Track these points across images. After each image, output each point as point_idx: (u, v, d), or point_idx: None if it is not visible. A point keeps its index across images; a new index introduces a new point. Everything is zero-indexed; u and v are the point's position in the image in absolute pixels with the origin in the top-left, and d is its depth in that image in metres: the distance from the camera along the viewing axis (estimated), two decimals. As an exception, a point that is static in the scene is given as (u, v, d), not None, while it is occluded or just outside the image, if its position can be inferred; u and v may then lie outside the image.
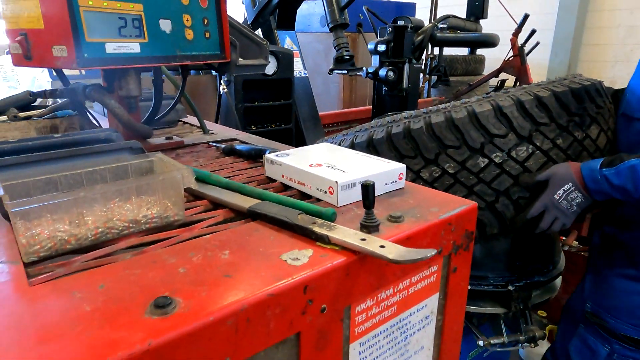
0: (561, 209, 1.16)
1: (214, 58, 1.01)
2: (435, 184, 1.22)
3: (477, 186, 1.20)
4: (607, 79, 5.21)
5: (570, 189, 1.14)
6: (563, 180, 1.14)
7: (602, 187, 1.10)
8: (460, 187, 1.21)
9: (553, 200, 1.15)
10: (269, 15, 2.38)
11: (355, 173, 0.72)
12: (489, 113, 1.17)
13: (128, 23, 0.80)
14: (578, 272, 2.24)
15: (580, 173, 1.14)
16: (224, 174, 0.90)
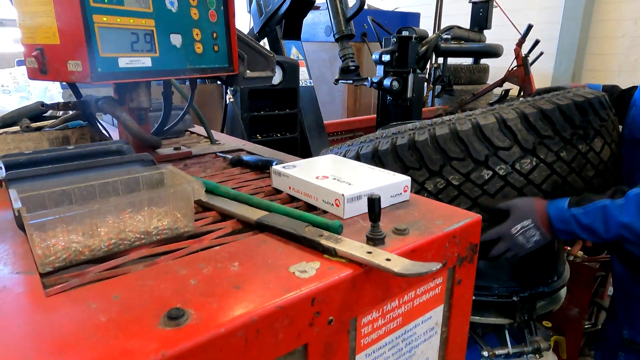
0: (516, 242, 1.15)
1: (223, 71, 1.03)
2: (439, 196, 1.23)
3: (481, 198, 1.21)
4: (612, 88, 5.21)
5: (529, 225, 1.14)
6: (523, 215, 1.13)
7: (571, 227, 1.09)
8: (464, 199, 1.22)
9: (509, 233, 1.15)
10: (275, 25, 2.41)
11: (361, 185, 0.73)
12: (493, 126, 1.18)
13: (140, 38, 0.82)
14: (583, 282, 2.24)
15: (545, 212, 1.13)
16: (232, 185, 0.92)
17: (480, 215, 0.72)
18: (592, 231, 1.08)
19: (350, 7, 2.10)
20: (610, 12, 5.05)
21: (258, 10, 2.41)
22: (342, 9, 2.11)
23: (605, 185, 1.29)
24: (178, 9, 0.89)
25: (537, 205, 1.15)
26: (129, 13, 0.79)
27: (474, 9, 2.84)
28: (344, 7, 2.12)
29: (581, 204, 1.10)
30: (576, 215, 1.10)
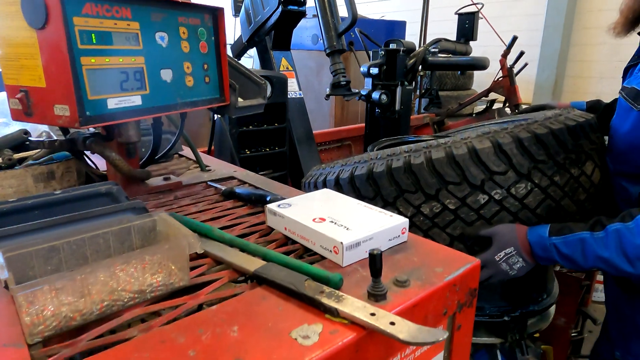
0: (500, 269, 1.16)
1: (214, 102, 1.01)
2: (435, 219, 1.23)
3: (477, 222, 1.21)
4: (594, 94, 5.33)
5: (512, 253, 1.14)
6: (506, 243, 1.14)
7: (551, 255, 1.10)
8: (460, 223, 1.22)
9: (493, 260, 1.16)
10: (264, 36, 2.36)
11: (359, 231, 0.72)
12: (489, 150, 1.19)
13: (130, 76, 0.79)
14: (569, 293, 2.27)
15: (526, 238, 1.14)
16: (225, 222, 0.90)
17: (479, 260, 0.72)
18: (571, 260, 1.09)
19: (342, 22, 2.08)
20: (591, 20, 5.16)
21: (247, 20, 2.36)
22: (333, 23, 2.09)
23: (596, 209, 1.31)
24: (168, 43, 0.87)
25: (519, 233, 1.16)
26: (118, 52, 0.77)
27: (459, 20, 2.88)
28: (335, 21, 2.10)
29: (562, 232, 1.11)
30: (556, 244, 1.11)
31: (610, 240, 1.04)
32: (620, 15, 1.27)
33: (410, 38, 4.41)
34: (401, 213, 1.24)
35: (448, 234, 1.23)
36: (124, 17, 0.77)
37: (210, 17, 0.96)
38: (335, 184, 1.33)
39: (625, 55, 4.55)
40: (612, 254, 1.03)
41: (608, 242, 1.04)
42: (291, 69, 2.63)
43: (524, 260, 1.16)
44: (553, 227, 1.14)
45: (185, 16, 0.90)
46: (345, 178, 1.30)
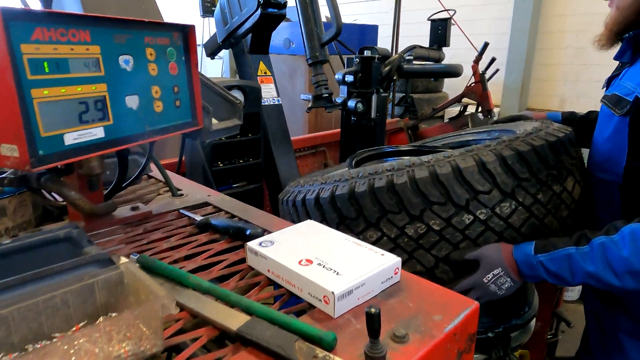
0: (488, 291, 1.15)
1: (186, 127, 0.93)
2: (420, 241, 1.19)
3: (462, 243, 1.18)
4: (558, 96, 5.49)
5: (500, 273, 1.13)
6: (493, 264, 1.13)
7: (538, 273, 1.10)
8: (445, 244, 1.19)
9: (482, 282, 1.14)
10: (241, 38, 2.25)
11: (350, 276, 0.66)
12: (473, 169, 1.16)
13: (90, 107, 0.71)
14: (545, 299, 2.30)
15: (512, 258, 1.13)
16: (201, 261, 0.83)
17: (478, 303, 0.68)
18: (559, 277, 1.08)
19: (326, 32, 2.01)
20: (554, 25, 5.31)
21: (222, 19, 2.24)
22: (317, 33, 2.02)
23: (577, 224, 1.30)
24: (134, 67, 0.78)
25: (505, 252, 1.14)
26: (76, 80, 0.68)
27: (432, 26, 2.87)
28: (318, 30, 2.03)
29: (547, 249, 1.10)
30: (542, 261, 1.10)
31: (595, 254, 1.03)
32: (605, 28, 1.27)
33: (382, 41, 4.40)
34: (385, 234, 1.20)
35: (433, 255, 1.20)
36: (82, 41, 0.68)
37: (179, 36, 0.88)
38: (315, 203, 1.27)
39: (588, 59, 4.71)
40: (598, 268, 1.02)
41: (594, 257, 1.03)
42: (269, 74, 2.51)
43: (511, 279, 1.14)
44: (538, 244, 1.13)
45: (152, 36, 0.81)
46: (326, 197, 1.25)
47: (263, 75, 2.42)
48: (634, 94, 1.13)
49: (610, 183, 1.27)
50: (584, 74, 5.17)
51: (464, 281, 1.17)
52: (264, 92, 2.34)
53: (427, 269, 1.21)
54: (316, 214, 1.27)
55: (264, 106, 2.29)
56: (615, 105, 1.19)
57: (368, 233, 1.22)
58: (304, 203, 1.31)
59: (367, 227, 1.21)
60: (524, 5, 5.24)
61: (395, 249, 1.20)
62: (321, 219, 1.27)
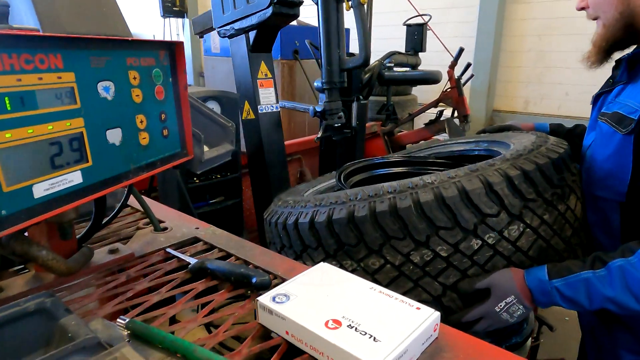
0: (500, 319, 1.10)
1: (175, 158, 0.81)
2: (427, 268, 1.12)
3: (470, 269, 1.12)
4: (522, 97, 5.64)
5: (512, 301, 1.08)
6: (506, 292, 1.07)
7: (553, 299, 1.05)
8: (453, 271, 1.12)
9: (493, 312, 1.09)
10: (243, 32, 2.02)
11: (391, 342, 0.57)
12: (480, 191, 1.09)
13: (64, 147, 0.58)
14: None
15: (525, 285, 1.08)
16: (202, 318, 0.71)
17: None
18: (575, 303, 1.04)
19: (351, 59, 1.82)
20: (517, 29, 5.45)
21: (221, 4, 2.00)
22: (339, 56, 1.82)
23: (581, 244, 1.27)
24: (115, 94, 0.65)
25: (517, 279, 1.09)
26: (46, 117, 0.55)
27: (408, 31, 2.83)
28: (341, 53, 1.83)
29: (562, 274, 1.05)
30: (558, 287, 1.05)
31: (614, 278, 0.99)
32: (593, 46, 1.25)
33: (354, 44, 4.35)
34: (388, 261, 1.11)
35: (440, 283, 1.13)
36: (53, 68, 0.55)
37: (166, 54, 0.76)
38: (309, 227, 1.17)
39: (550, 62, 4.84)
40: (617, 293, 0.98)
41: (612, 280, 0.99)
42: (270, 77, 2.24)
43: (524, 306, 1.08)
44: (551, 268, 1.07)
45: (135, 57, 0.69)
46: (322, 222, 1.15)
47: (263, 78, 2.14)
48: (638, 112, 1.10)
49: (611, 201, 1.24)
50: (546, 76, 5.33)
51: (474, 310, 1.10)
52: (262, 98, 2.09)
53: (433, 297, 1.14)
54: (311, 240, 1.17)
55: (261, 114, 2.07)
56: (619, 123, 1.16)
57: (370, 260, 1.13)
58: (296, 226, 1.20)
59: (369, 254, 1.13)
60: (488, 9, 5.35)
61: (399, 277, 1.12)
62: (316, 245, 1.17)
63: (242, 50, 2.08)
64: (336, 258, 1.16)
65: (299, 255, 1.22)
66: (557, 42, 5.13)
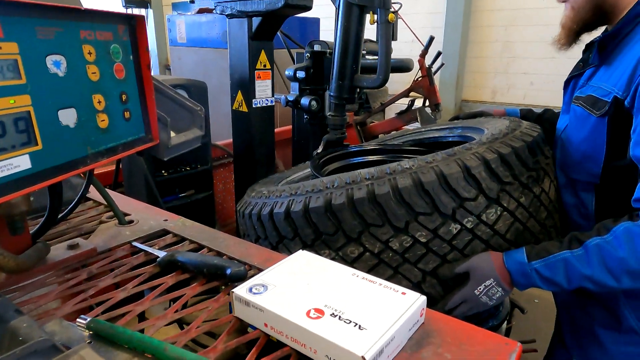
0: (480, 302, 1.11)
1: (139, 144, 0.74)
2: (406, 255, 1.10)
3: (450, 254, 1.11)
4: (490, 87, 5.75)
5: (492, 284, 1.09)
6: (485, 276, 1.08)
7: (532, 281, 1.06)
8: (433, 257, 1.10)
9: (473, 295, 1.09)
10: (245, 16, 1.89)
11: (377, 330, 0.53)
12: (458, 175, 1.08)
13: (8, 128, 0.51)
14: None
15: (504, 267, 1.09)
16: (172, 314, 0.65)
17: (521, 344, 0.58)
18: (554, 283, 1.05)
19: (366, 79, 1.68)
20: (484, 19, 5.54)
21: None
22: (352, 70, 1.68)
23: (555, 226, 1.28)
24: (68, 70, 0.59)
25: (495, 262, 1.08)
26: (-16, 93, 0.48)
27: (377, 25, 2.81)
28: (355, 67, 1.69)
29: (541, 255, 1.06)
30: (537, 269, 1.05)
31: (591, 256, 1.00)
32: (562, 28, 1.25)
33: (324, 35, 4.29)
34: (367, 249, 1.09)
35: (420, 269, 1.11)
36: (-9, 37, 0.48)
37: (126, 29, 0.69)
38: (285, 217, 1.13)
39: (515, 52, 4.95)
40: (595, 271, 0.99)
41: (590, 259, 1.00)
42: (269, 68, 2.08)
43: (503, 289, 1.08)
44: (529, 250, 1.08)
45: (90, 30, 0.62)
46: (299, 211, 1.11)
47: (262, 68, 2.01)
48: (611, 94, 1.11)
49: (586, 184, 1.26)
50: (512, 67, 5.45)
51: (455, 297, 1.10)
52: (258, 91, 1.97)
53: (413, 283, 1.12)
54: (287, 230, 1.13)
55: (255, 108, 1.96)
56: (592, 106, 1.17)
57: (349, 249, 1.10)
58: (271, 217, 1.16)
59: (348, 242, 1.10)
60: (456, 0, 5.40)
61: (379, 264, 1.10)
62: (293, 235, 1.13)
63: (243, 35, 1.94)
64: (314, 248, 1.12)
65: (275, 246, 1.18)
66: (522, 32, 5.24)
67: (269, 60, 2.05)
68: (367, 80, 1.73)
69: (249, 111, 1.99)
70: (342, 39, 1.71)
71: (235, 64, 2.06)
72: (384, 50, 1.63)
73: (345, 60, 1.72)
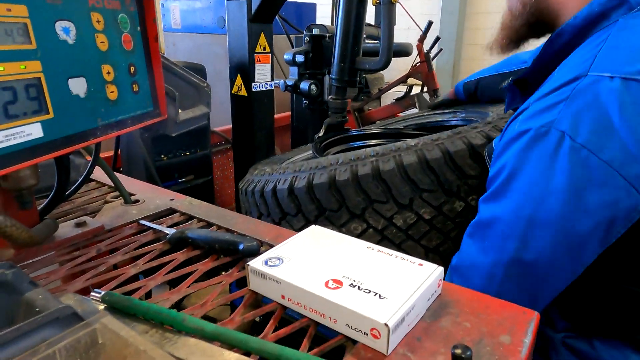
0: None
1: (147, 118, 0.73)
2: (410, 231, 1.10)
3: (453, 232, 1.11)
4: (486, 75, 5.74)
5: None
6: None
7: None
8: (436, 234, 1.11)
9: None
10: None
11: (398, 299, 0.53)
12: (464, 153, 1.08)
13: (20, 94, 0.49)
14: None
15: None
16: (186, 289, 0.65)
17: (538, 313, 0.58)
18: None
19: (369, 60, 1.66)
20: (480, 6, 5.51)
21: None
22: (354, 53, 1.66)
23: None
24: (77, 38, 0.57)
25: None
26: (-6, 56, 0.46)
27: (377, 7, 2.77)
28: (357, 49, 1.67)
29: None
30: None
31: None
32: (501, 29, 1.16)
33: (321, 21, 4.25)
34: (371, 226, 1.09)
35: (423, 246, 1.12)
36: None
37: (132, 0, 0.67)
38: (289, 194, 1.13)
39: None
40: None
41: None
42: (268, 51, 2.04)
43: None
44: None
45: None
46: (302, 187, 1.11)
47: (261, 52, 1.97)
48: None
49: None
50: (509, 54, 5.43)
51: None
52: (257, 75, 1.95)
53: None
54: (290, 207, 1.13)
55: (255, 92, 1.94)
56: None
57: (352, 225, 1.11)
58: (274, 194, 1.16)
59: (351, 218, 1.10)
60: (452, -14, 5.37)
61: (382, 241, 1.11)
62: (296, 212, 1.13)
63: (242, 18, 1.90)
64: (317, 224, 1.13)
65: (277, 223, 1.18)
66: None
67: (268, 43, 2.03)
68: (369, 62, 1.71)
69: (248, 95, 1.97)
70: (344, 20, 1.69)
71: (235, 48, 2.04)
72: (386, 32, 1.61)
73: (347, 42, 1.70)
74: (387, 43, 1.63)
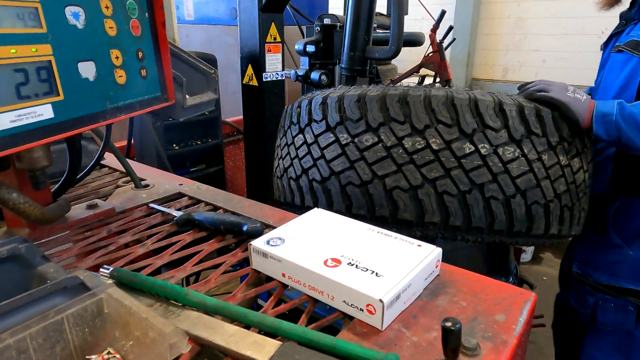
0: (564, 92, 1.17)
1: (155, 102, 0.75)
2: (414, 156, 1.12)
3: (454, 170, 1.12)
4: (501, 65, 5.64)
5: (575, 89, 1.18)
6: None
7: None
8: (437, 166, 1.12)
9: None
10: None
11: (394, 277, 0.54)
12: (489, 104, 1.11)
13: (31, 76, 0.52)
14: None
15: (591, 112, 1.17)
16: (191, 268, 0.67)
17: (535, 294, 0.59)
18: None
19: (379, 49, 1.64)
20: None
21: None
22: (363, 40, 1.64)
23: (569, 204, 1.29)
24: (86, 23, 0.59)
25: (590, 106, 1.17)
26: (7, 39, 0.49)
27: (390, -6, 2.75)
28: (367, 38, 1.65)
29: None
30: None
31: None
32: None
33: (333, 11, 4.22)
34: (381, 140, 1.13)
35: (422, 174, 1.13)
36: (12, -17, 0.48)
37: (140, -15, 0.69)
38: (322, 102, 1.19)
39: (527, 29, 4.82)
40: None
41: None
42: (279, 41, 2.06)
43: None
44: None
45: (106, -17, 0.62)
46: (334, 97, 1.17)
47: (272, 42, 2.00)
48: None
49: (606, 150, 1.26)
50: (524, 44, 5.33)
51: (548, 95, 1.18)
52: (268, 64, 1.97)
53: (411, 186, 1.15)
54: (318, 113, 1.20)
55: (265, 82, 1.97)
56: (635, 48, 1.20)
57: (364, 137, 1.16)
58: (310, 103, 1.22)
59: (366, 130, 1.14)
60: (467, -25, 5.27)
61: (386, 158, 1.15)
62: (322, 117, 1.19)
63: (253, 7, 1.92)
64: (334, 130, 1.17)
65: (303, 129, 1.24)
66: (535, 8, 5.11)
67: (279, 33, 2.03)
68: (379, 51, 1.71)
69: (259, 85, 1.98)
70: (354, 9, 1.69)
71: (246, 38, 2.05)
72: (397, 20, 1.61)
73: (357, 31, 1.70)
74: (397, 31, 1.63)
